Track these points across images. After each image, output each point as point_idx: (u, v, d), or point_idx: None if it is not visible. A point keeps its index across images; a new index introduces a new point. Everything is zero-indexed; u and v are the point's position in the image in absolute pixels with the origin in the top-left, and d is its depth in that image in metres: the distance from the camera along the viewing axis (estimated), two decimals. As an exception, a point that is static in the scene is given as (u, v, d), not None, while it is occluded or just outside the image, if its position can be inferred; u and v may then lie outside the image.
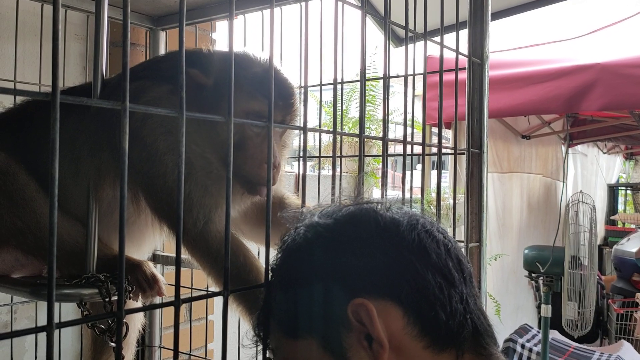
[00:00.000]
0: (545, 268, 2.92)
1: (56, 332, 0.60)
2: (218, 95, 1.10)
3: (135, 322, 1.47)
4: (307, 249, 0.78)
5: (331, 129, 1.05)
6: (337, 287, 0.73)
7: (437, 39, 1.27)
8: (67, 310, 1.80)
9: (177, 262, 0.75)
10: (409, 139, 1.22)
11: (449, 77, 1.35)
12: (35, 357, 1.79)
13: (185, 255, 1.16)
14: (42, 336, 0.68)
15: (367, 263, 0.73)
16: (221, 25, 2.19)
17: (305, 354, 0.75)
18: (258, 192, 1.15)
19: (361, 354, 0.70)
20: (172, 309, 0.74)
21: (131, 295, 1.15)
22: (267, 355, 0.85)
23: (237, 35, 1.67)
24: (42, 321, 0.60)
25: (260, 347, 0.86)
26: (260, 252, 1.38)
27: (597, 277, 3.76)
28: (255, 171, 1.12)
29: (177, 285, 0.75)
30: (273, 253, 0.86)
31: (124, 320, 1.16)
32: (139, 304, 1.25)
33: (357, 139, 1.07)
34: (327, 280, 0.74)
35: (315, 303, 0.74)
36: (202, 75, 1.11)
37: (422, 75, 1.32)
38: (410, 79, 1.24)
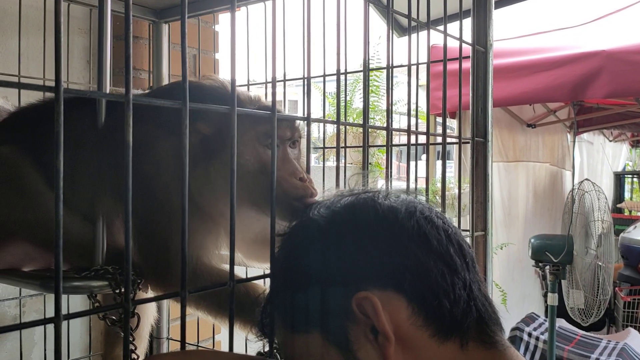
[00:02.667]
0: (560, 258, 2.87)
1: (65, 324, 0.60)
2: (221, 140, 1.06)
3: (148, 315, 1.47)
4: (308, 244, 0.78)
5: (335, 120, 1.05)
6: (340, 280, 0.72)
7: (441, 27, 1.27)
8: (76, 303, 1.81)
9: (183, 254, 0.75)
10: (413, 128, 1.22)
11: (453, 66, 1.34)
12: (45, 350, 1.80)
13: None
14: (51, 329, 0.68)
15: (368, 254, 0.72)
16: (224, 18, 2.19)
17: (310, 348, 0.74)
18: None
19: (367, 347, 0.69)
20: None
21: (140, 286, 1.15)
22: (274, 346, 0.86)
23: (240, 27, 1.67)
24: (51, 314, 0.61)
25: (266, 339, 0.87)
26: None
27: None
28: (290, 184, 1.03)
29: (183, 277, 0.76)
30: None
31: (135, 311, 1.17)
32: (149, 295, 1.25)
33: (361, 130, 1.07)
34: (329, 274, 0.73)
35: (318, 298, 0.73)
36: (206, 126, 1.08)
37: (425, 65, 1.31)
38: (413, 68, 1.23)
